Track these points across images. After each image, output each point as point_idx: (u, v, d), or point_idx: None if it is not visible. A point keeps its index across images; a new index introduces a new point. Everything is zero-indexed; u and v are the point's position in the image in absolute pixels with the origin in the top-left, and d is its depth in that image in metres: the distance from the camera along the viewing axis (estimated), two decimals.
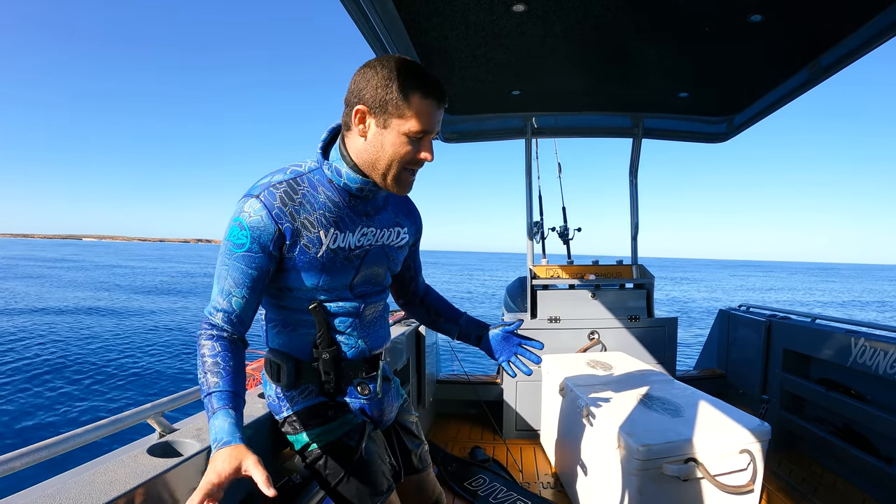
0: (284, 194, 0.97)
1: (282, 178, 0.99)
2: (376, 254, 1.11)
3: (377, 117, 0.96)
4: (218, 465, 0.81)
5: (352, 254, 1.06)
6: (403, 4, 1.62)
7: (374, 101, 0.94)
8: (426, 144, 0.99)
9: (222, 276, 0.97)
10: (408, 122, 0.95)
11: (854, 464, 2.22)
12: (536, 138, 3.29)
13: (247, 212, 0.95)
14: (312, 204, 1.00)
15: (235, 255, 0.96)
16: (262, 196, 0.96)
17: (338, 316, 1.08)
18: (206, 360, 0.93)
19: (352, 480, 1.08)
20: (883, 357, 2.10)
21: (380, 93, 0.94)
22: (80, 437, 0.87)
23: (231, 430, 0.86)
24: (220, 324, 0.97)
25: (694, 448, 1.52)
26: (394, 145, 0.97)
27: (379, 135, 0.97)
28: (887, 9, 1.59)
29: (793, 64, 2.06)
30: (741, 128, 2.86)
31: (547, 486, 2.35)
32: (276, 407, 1.14)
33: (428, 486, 1.33)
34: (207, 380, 0.92)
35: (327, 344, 1.08)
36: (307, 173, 1.02)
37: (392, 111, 0.94)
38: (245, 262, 0.96)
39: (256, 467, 0.81)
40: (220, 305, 0.97)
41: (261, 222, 0.95)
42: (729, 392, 3.17)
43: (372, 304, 1.14)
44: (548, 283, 3.02)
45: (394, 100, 0.94)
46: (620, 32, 1.84)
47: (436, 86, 0.97)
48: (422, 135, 0.97)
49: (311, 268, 1.01)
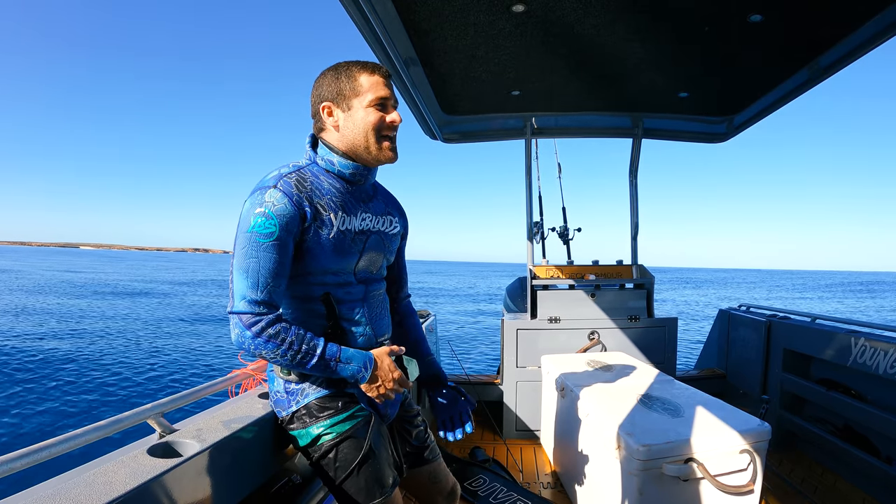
0: (297, 182, 1.05)
1: (289, 170, 1.08)
2: (375, 240, 1.19)
3: (340, 105, 1.10)
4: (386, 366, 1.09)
5: (357, 237, 1.13)
6: (403, 5, 1.62)
7: (332, 94, 1.10)
8: (390, 110, 1.12)
9: (252, 269, 0.99)
10: (365, 96, 1.09)
11: (854, 464, 2.22)
12: (536, 138, 3.29)
13: (269, 202, 1.00)
14: (320, 189, 1.09)
15: (265, 246, 0.99)
16: (280, 185, 1.03)
17: (345, 303, 1.13)
18: (289, 339, 1.00)
19: (360, 474, 1.09)
20: (883, 357, 2.10)
21: (334, 85, 1.10)
22: (80, 437, 0.87)
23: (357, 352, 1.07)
24: (265, 312, 1.00)
25: (694, 448, 1.52)
26: (363, 119, 1.09)
27: (348, 118, 1.10)
28: (887, 9, 1.59)
29: (793, 64, 2.06)
30: (741, 128, 2.86)
31: (547, 486, 2.35)
32: (285, 402, 1.14)
33: (441, 476, 1.34)
34: (298, 356, 1.00)
35: (337, 333, 1.12)
36: (307, 166, 1.12)
37: (349, 94, 1.09)
38: (277, 252, 1.00)
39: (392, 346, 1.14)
40: (258, 297, 0.99)
41: (285, 209, 1.01)
42: (729, 392, 3.17)
43: (374, 289, 1.20)
44: (548, 284, 3.02)
45: (347, 85, 1.09)
46: (620, 32, 1.84)
47: (373, 64, 1.11)
48: (381, 102, 1.10)
49: (324, 249, 1.07)
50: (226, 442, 1.03)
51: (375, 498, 1.09)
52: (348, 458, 1.09)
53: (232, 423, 1.10)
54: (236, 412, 1.17)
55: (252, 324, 0.98)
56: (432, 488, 1.33)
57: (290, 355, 0.99)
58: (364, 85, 1.08)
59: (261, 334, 0.98)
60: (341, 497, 1.11)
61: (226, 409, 1.19)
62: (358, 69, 1.09)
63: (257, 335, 0.98)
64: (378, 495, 1.09)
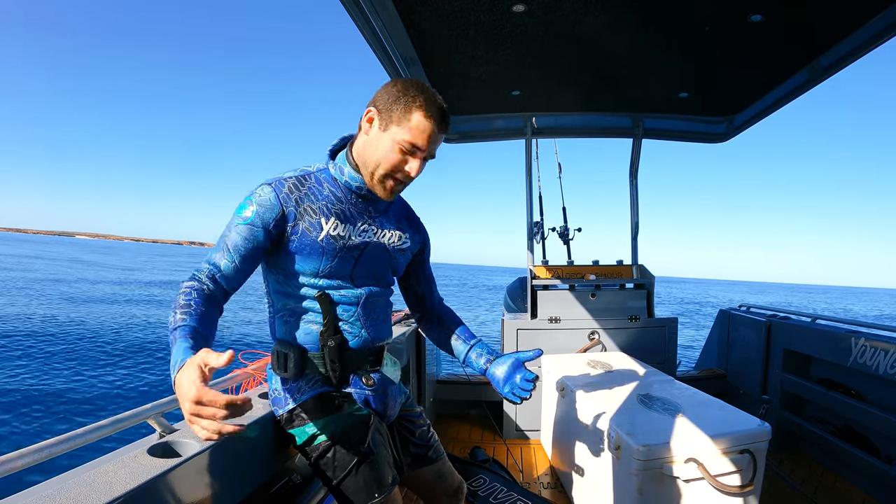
0: (293, 185, 1.09)
1: (292, 175, 1.12)
2: (375, 250, 1.18)
3: (382, 120, 1.06)
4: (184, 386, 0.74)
5: (351, 244, 1.13)
6: (403, 5, 1.62)
7: (383, 106, 1.06)
8: (413, 159, 1.07)
9: (221, 240, 1.06)
10: (403, 132, 1.04)
11: (854, 464, 2.22)
12: (536, 138, 3.29)
13: (258, 192, 1.07)
14: (316, 195, 1.11)
15: (238, 226, 1.05)
16: (274, 184, 1.08)
17: (341, 304, 1.14)
18: (180, 301, 0.95)
19: (359, 473, 1.09)
20: (883, 357, 2.10)
21: (390, 101, 1.05)
22: (80, 437, 0.87)
23: (185, 352, 0.82)
24: (203, 277, 1.01)
25: (694, 448, 1.52)
26: (385, 149, 1.06)
27: (377, 136, 1.07)
28: (887, 9, 1.59)
29: (793, 64, 2.06)
30: (741, 128, 2.86)
31: (547, 486, 2.35)
32: (281, 400, 1.14)
33: (447, 474, 1.35)
34: (175, 317, 0.92)
35: (332, 332, 1.12)
36: (315, 172, 1.14)
37: (394, 118, 1.05)
38: (246, 233, 1.04)
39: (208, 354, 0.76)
40: (211, 261, 1.04)
41: (268, 202, 1.05)
42: (729, 392, 3.17)
43: (374, 296, 1.19)
44: (548, 284, 3.02)
45: (399, 109, 1.04)
46: (620, 32, 1.84)
47: (440, 111, 1.07)
48: (413, 149, 1.06)
49: (312, 251, 1.09)
50: (226, 442, 1.03)
51: (375, 497, 1.09)
52: (347, 457, 1.09)
53: None
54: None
55: (188, 280, 1.01)
56: (438, 487, 1.33)
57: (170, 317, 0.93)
58: (411, 122, 1.03)
59: (179, 288, 0.99)
60: (340, 497, 1.11)
61: None
62: (419, 105, 1.03)
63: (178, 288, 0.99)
64: (377, 495, 1.09)
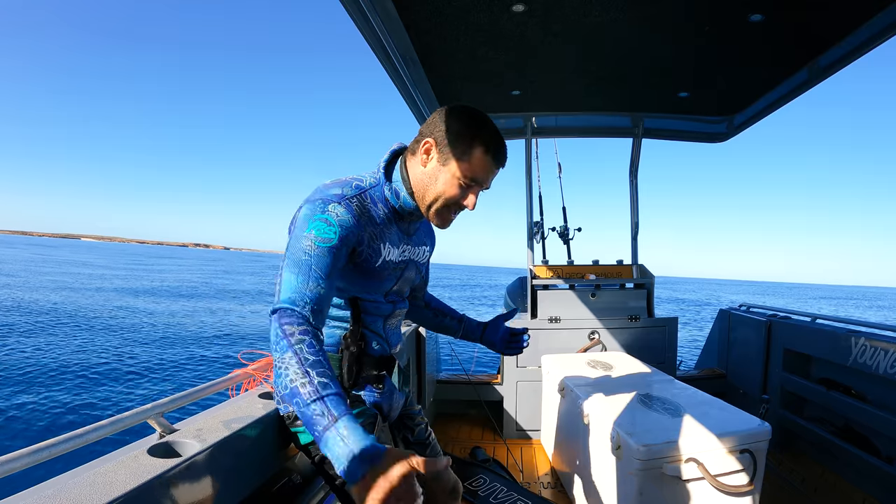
0: (359, 207, 1.05)
1: (351, 193, 1.06)
2: (411, 268, 1.23)
3: (441, 154, 1.06)
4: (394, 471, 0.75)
5: (395, 266, 1.16)
6: (403, 5, 1.62)
7: (443, 140, 1.05)
8: (471, 193, 1.09)
9: (304, 268, 0.96)
10: (463, 168, 1.05)
11: (854, 463, 2.22)
12: (536, 138, 3.29)
13: (333, 212, 1.01)
14: (374, 219, 1.09)
15: (321, 249, 0.98)
16: (345, 203, 1.03)
17: (370, 314, 1.16)
18: (305, 355, 0.87)
19: None
20: (883, 357, 2.10)
21: (451, 134, 1.05)
22: (80, 437, 0.87)
23: (364, 435, 0.80)
24: (306, 314, 0.93)
25: (694, 448, 1.52)
26: (445, 183, 1.06)
27: (437, 169, 1.07)
28: (887, 9, 1.59)
29: (793, 64, 2.06)
30: (741, 128, 2.86)
31: (547, 486, 2.35)
32: None
33: (443, 473, 1.34)
34: (313, 380, 0.85)
35: (357, 338, 1.13)
36: (368, 189, 1.10)
37: (455, 153, 1.04)
38: (331, 256, 0.98)
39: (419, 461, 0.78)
40: (305, 296, 0.94)
41: (349, 223, 1.01)
42: (729, 392, 3.17)
43: (399, 310, 1.24)
44: (548, 283, 3.02)
45: (462, 145, 1.04)
46: (620, 32, 1.84)
47: (500, 147, 1.07)
48: (472, 183, 1.07)
49: (364, 273, 1.10)
50: (226, 442, 1.03)
51: None
52: None
53: (232, 423, 1.10)
54: (236, 412, 1.17)
55: (293, 317, 0.92)
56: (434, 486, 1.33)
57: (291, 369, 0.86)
58: (473, 159, 1.04)
59: (284, 327, 0.91)
60: (343, 497, 1.11)
61: (226, 409, 1.19)
62: (483, 143, 1.04)
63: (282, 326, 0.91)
64: None
